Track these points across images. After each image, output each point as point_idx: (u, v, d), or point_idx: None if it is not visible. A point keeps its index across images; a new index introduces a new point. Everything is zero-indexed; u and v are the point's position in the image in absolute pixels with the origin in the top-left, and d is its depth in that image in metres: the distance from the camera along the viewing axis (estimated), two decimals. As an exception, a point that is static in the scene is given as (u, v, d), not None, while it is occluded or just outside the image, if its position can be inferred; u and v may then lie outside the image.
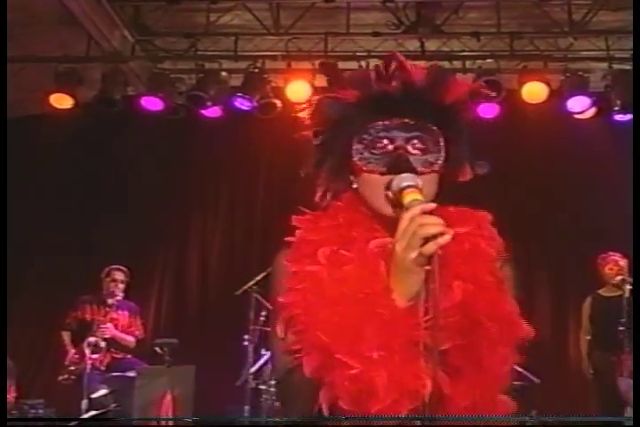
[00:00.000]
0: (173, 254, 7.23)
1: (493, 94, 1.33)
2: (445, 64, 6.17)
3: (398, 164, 1.29)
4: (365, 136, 1.33)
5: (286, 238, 1.36)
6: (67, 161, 7.15)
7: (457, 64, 6.19)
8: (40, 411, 3.83)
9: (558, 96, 5.93)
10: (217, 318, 6.34)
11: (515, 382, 4.82)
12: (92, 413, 4.02)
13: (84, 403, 4.49)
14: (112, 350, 5.50)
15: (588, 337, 5.47)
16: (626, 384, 3.94)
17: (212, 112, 6.31)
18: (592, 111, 6.08)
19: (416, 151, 1.33)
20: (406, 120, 1.32)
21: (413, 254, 1.15)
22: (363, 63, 6.15)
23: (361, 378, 1.16)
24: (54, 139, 6.80)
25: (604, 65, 6.14)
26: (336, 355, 1.17)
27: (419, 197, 1.21)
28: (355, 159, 1.34)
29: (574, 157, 6.69)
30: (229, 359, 5.00)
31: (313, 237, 1.32)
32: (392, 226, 1.23)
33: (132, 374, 4.96)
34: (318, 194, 1.42)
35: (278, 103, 6.14)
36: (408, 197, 1.21)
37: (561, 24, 6.16)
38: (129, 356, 5.59)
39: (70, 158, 7.11)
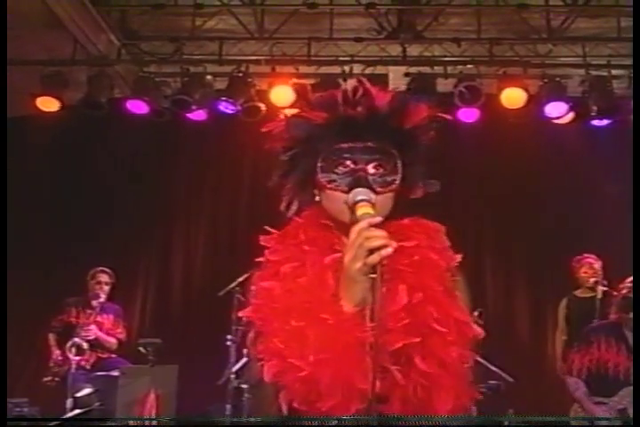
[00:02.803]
0: (157, 256, 7.30)
1: (449, 117, 1.44)
2: (427, 69, 6.30)
3: (359, 183, 1.41)
4: (330, 156, 1.46)
5: (257, 259, 1.48)
6: (52, 163, 7.20)
7: (438, 69, 6.30)
8: (25, 410, 3.90)
9: (536, 101, 6.05)
10: (200, 319, 6.41)
11: (490, 382, 4.93)
12: (77, 411, 4.09)
13: (69, 402, 4.57)
14: (97, 350, 5.58)
15: (564, 337, 5.60)
16: (573, 383, 4.07)
17: (197, 115, 6.38)
18: (570, 116, 6.21)
19: (375, 172, 1.45)
20: (369, 144, 1.45)
21: (359, 264, 1.27)
22: (346, 68, 6.27)
23: (308, 379, 1.27)
24: (39, 140, 6.85)
25: (582, 71, 6.26)
26: (288, 359, 1.28)
27: (370, 210, 1.34)
28: (319, 176, 1.46)
29: (551, 160, 6.82)
30: (212, 359, 5.07)
31: (277, 258, 1.44)
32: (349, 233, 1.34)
33: (115, 373, 5.03)
34: (283, 204, 1.54)
35: (262, 107, 6.23)
36: (360, 211, 1.34)
37: (540, 30, 6.28)
38: (114, 355, 5.67)
39: (56, 160, 7.16)
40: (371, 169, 1.44)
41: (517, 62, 6.29)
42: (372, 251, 1.26)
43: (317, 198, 1.50)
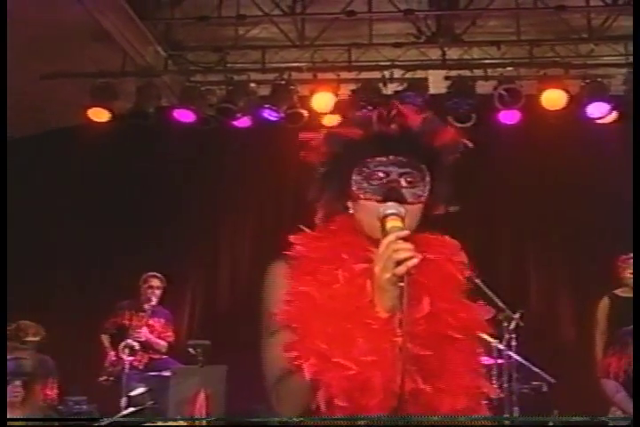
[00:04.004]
0: (206, 260, 7.49)
1: (470, 144, 1.56)
2: (467, 72, 6.34)
3: (391, 194, 1.51)
4: (364, 169, 1.56)
5: (284, 252, 1.57)
6: (104, 171, 7.45)
7: (478, 72, 6.34)
8: (84, 407, 4.10)
9: (578, 102, 6.04)
10: (247, 321, 6.54)
11: (533, 382, 4.95)
12: (131, 409, 4.28)
13: (123, 401, 4.79)
14: (150, 351, 5.80)
15: (605, 337, 5.53)
16: (612, 386, 4.05)
17: (242, 122, 6.54)
18: (613, 116, 6.18)
19: (407, 184, 1.54)
20: (400, 158, 1.55)
21: (388, 275, 1.37)
22: (386, 73, 6.36)
23: (357, 378, 1.37)
24: (90, 149, 7.09)
25: (624, 70, 6.22)
26: (333, 359, 1.38)
27: (399, 224, 1.44)
28: (353, 188, 1.56)
29: (595, 159, 6.78)
30: (259, 359, 5.21)
31: (312, 255, 1.54)
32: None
33: (167, 373, 5.23)
34: (318, 215, 1.64)
35: (305, 113, 6.36)
36: (389, 224, 1.44)
37: (580, 30, 6.26)
38: (165, 356, 5.88)
39: (107, 169, 7.41)
40: (403, 182, 1.54)
41: (557, 63, 6.28)
42: (399, 262, 1.36)
43: (351, 211, 1.59)
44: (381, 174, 1.54)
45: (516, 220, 7.19)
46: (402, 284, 1.36)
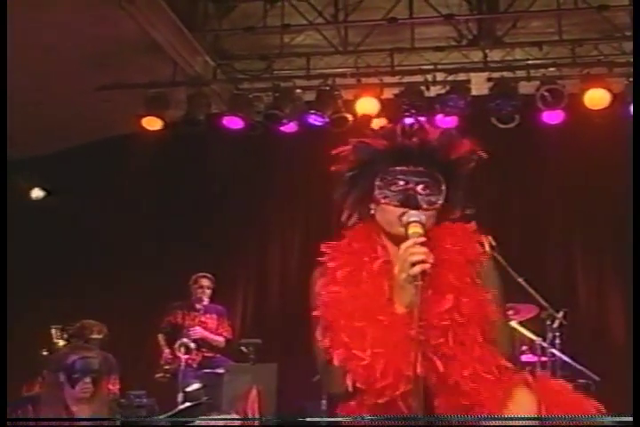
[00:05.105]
0: (255, 260, 7.72)
1: (485, 155, 1.74)
2: (509, 74, 6.39)
3: (409, 200, 1.72)
4: (386, 176, 1.76)
5: (319, 259, 1.82)
6: (157, 176, 7.76)
7: (520, 73, 6.37)
8: (144, 400, 4.34)
9: (622, 101, 6.02)
10: (297, 320, 6.73)
11: (579, 380, 4.99)
12: (187, 404, 4.51)
13: (180, 396, 5.03)
14: (203, 349, 6.04)
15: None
16: None
17: (289, 128, 6.72)
18: (658, 113, 6.14)
19: (423, 192, 1.75)
20: (420, 168, 1.76)
21: (404, 275, 1.60)
22: (428, 76, 6.46)
23: (368, 367, 1.62)
24: (144, 156, 7.37)
25: (670, 67, 6.17)
26: (352, 351, 1.64)
27: (419, 230, 1.65)
28: (376, 193, 1.77)
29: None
30: (308, 358, 5.38)
31: (334, 264, 1.78)
32: (397, 242, 1.69)
33: (220, 370, 5.46)
34: (344, 216, 1.87)
35: (349, 117, 6.49)
36: (411, 229, 1.66)
37: (622, 28, 6.23)
38: (218, 355, 6.10)
39: (160, 174, 7.71)
40: (420, 189, 1.74)
41: (601, 62, 6.28)
42: (414, 264, 1.58)
43: (372, 212, 1.80)
44: (401, 182, 1.75)
45: (562, 219, 7.20)
46: (417, 282, 1.56)
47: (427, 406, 1.61)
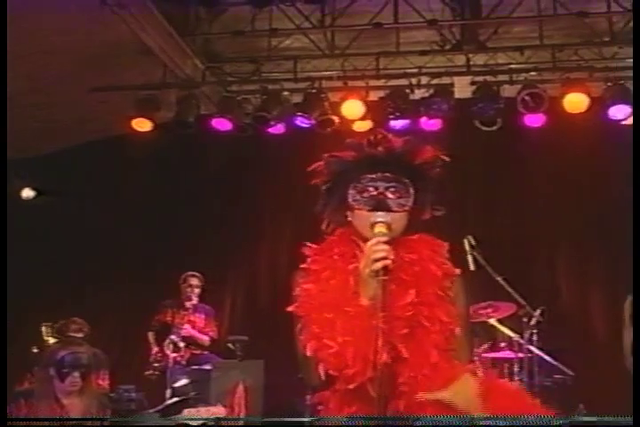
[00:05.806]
0: (244, 261, 7.84)
1: (447, 159, 1.88)
2: (492, 77, 6.53)
3: (380, 204, 1.86)
4: (358, 185, 1.91)
5: (300, 265, 1.95)
6: (147, 176, 7.87)
7: (503, 77, 6.51)
8: (133, 395, 4.47)
9: (601, 104, 6.19)
10: (283, 318, 6.86)
11: (555, 376, 5.13)
12: (175, 399, 4.64)
13: (168, 392, 5.16)
14: (191, 347, 6.17)
15: (632, 336, 5.65)
16: None
17: (276, 129, 6.86)
18: (636, 117, 6.29)
19: (392, 196, 1.88)
20: (387, 174, 1.89)
21: (367, 270, 1.75)
22: (413, 80, 6.60)
23: (337, 354, 1.75)
24: (134, 157, 7.46)
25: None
26: (324, 340, 1.76)
27: (383, 229, 1.81)
28: (349, 200, 1.91)
29: (622, 160, 6.89)
30: (293, 355, 5.51)
31: (316, 267, 1.92)
32: None
33: (208, 367, 5.60)
34: (324, 224, 2.01)
35: (336, 119, 6.62)
36: (376, 229, 1.81)
37: (602, 34, 6.39)
38: (206, 352, 6.24)
39: (150, 174, 7.82)
40: (389, 194, 1.88)
41: (581, 67, 6.44)
42: (376, 260, 1.72)
43: (349, 218, 1.94)
44: (371, 189, 1.89)
45: (545, 220, 7.35)
46: (380, 277, 1.71)
47: (392, 392, 1.74)
